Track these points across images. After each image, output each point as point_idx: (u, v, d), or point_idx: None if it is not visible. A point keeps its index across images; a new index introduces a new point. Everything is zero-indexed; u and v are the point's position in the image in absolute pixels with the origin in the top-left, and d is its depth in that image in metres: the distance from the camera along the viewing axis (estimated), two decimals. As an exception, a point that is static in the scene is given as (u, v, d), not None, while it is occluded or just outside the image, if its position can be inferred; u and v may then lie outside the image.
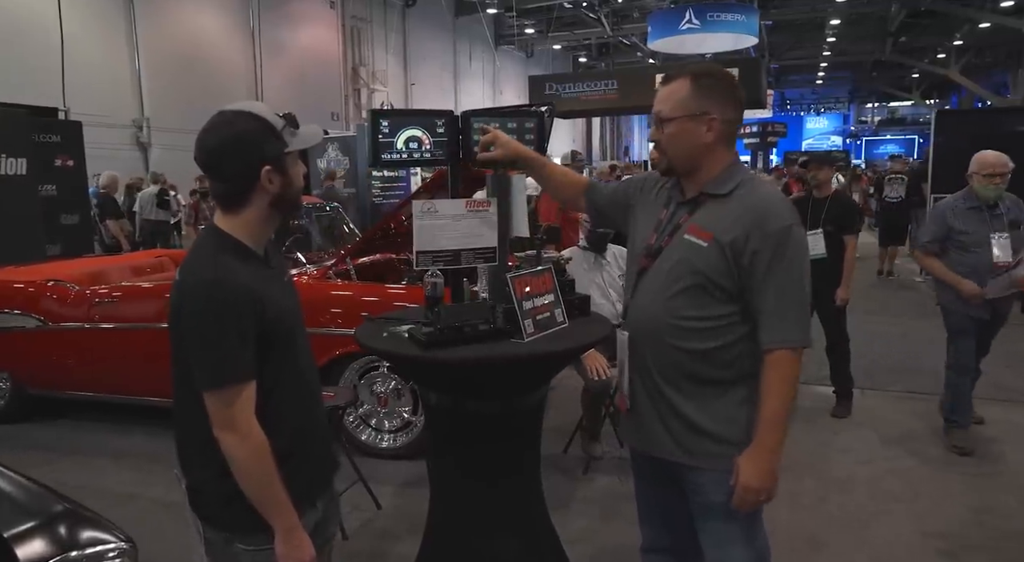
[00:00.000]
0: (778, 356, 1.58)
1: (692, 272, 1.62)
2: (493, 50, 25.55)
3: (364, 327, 2.31)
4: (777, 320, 1.57)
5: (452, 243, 2.06)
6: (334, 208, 5.55)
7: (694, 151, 1.66)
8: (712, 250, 1.60)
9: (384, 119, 1.92)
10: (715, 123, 1.64)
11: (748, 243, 1.57)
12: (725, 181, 1.66)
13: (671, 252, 1.67)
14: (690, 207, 1.69)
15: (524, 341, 2.06)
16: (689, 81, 1.65)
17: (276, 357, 1.50)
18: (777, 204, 1.61)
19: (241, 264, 1.46)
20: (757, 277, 1.57)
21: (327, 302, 3.77)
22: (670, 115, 1.65)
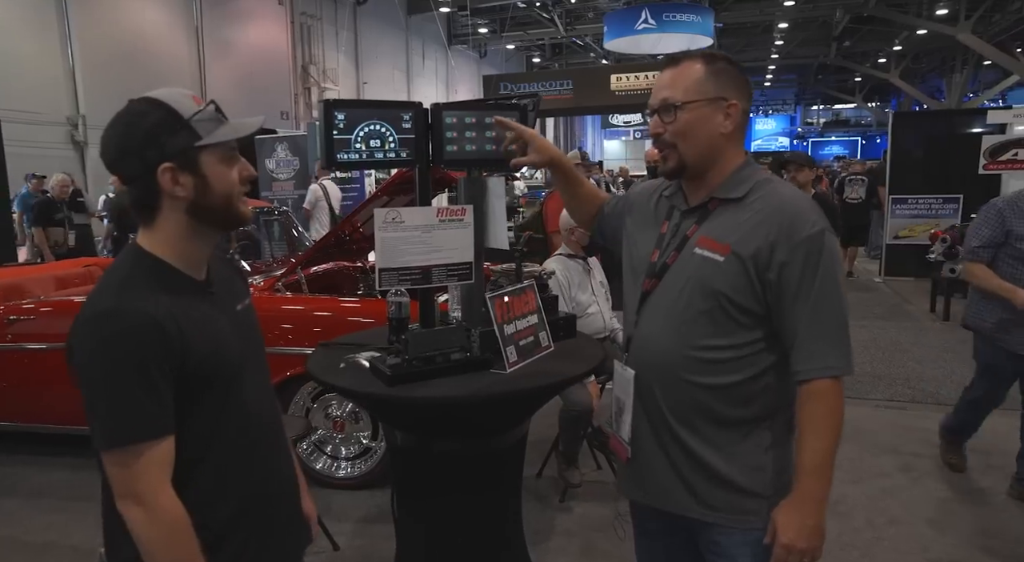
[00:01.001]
0: (819, 387, 1.32)
1: (708, 293, 1.36)
2: (447, 49, 25.20)
3: (317, 355, 1.98)
4: (815, 344, 1.32)
5: (421, 258, 1.75)
6: (283, 213, 5.17)
7: (711, 144, 1.40)
8: (731, 265, 1.34)
9: (340, 111, 1.59)
10: (734, 110, 1.39)
11: (774, 254, 1.31)
12: (739, 183, 1.40)
13: (680, 270, 1.41)
14: (698, 216, 1.43)
15: (506, 372, 1.77)
16: (701, 62, 1.39)
17: (213, 403, 1.20)
18: (805, 207, 1.35)
19: (159, 290, 1.15)
20: (787, 295, 1.32)
21: (275, 318, 3.41)
22: (683, 99, 1.38)
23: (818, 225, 1.32)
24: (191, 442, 1.17)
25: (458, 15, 23.60)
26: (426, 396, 1.63)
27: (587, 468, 3.52)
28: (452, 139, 1.74)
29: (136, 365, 1.08)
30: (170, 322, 1.12)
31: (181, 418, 1.15)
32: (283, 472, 1.37)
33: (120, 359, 1.08)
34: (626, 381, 1.47)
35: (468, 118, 1.75)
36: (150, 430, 1.10)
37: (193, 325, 1.16)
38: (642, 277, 1.48)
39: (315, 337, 3.29)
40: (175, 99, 1.18)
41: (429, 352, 1.74)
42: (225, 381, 1.22)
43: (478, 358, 1.80)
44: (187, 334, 1.14)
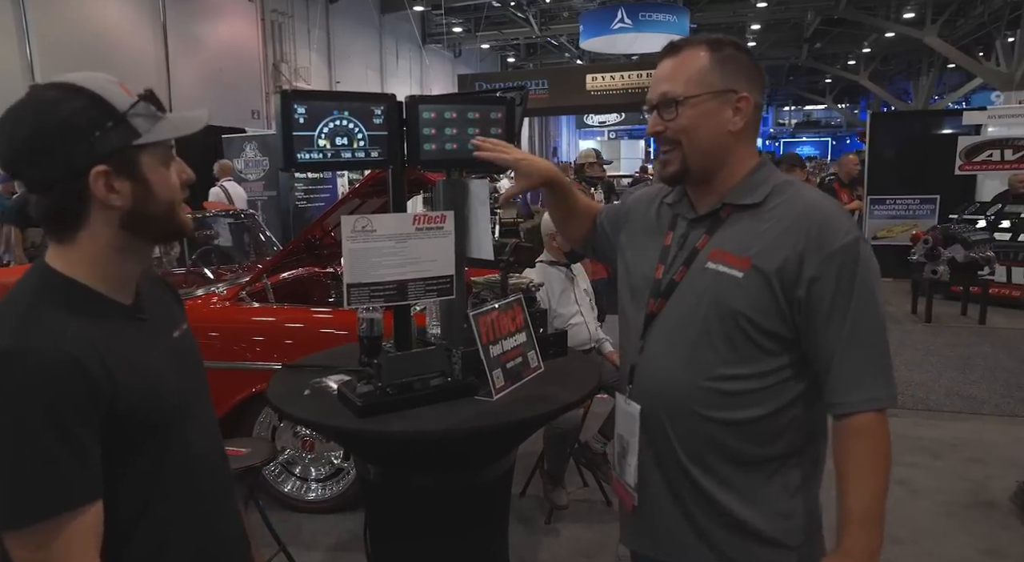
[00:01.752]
0: (862, 422, 1.14)
1: (725, 314, 1.17)
2: (421, 48, 24.92)
3: (279, 380, 1.77)
4: (854, 372, 1.13)
5: (395, 272, 1.55)
6: (249, 215, 4.90)
7: (719, 143, 1.22)
8: (751, 281, 1.15)
9: (300, 104, 1.37)
10: (745, 104, 1.20)
11: (803, 268, 1.13)
12: (754, 186, 1.22)
13: (690, 288, 1.22)
14: (708, 225, 1.24)
15: (492, 400, 1.57)
16: (706, 50, 1.21)
17: (152, 453, 0.99)
18: (835, 212, 1.17)
19: (76, 320, 0.94)
20: (819, 314, 1.13)
21: (239, 330, 3.17)
22: (686, 93, 1.19)
23: (852, 233, 1.14)
24: (126, 502, 0.96)
25: (432, 14, 23.34)
26: (402, 430, 1.43)
27: (572, 485, 3.33)
28: (430, 136, 1.53)
29: (50, 419, 0.86)
30: (93, 360, 0.91)
31: (113, 475, 0.94)
32: (232, 529, 1.16)
33: (28, 414, 0.86)
34: (631, 417, 1.28)
35: (448, 113, 1.54)
36: (71, 498, 0.88)
37: (122, 361, 0.95)
38: (645, 297, 1.29)
39: (283, 351, 3.07)
40: (101, 86, 0.97)
41: (405, 378, 1.54)
42: (165, 426, 1.01)
43: (461, 384, 1.60)
44: (115, 372, 0.93)
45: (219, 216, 4.77)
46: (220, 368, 3.05)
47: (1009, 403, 4.56)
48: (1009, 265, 7.48)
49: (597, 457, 3.22)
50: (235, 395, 3.02)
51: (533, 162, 1.45)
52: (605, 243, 1.52)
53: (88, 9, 13.43)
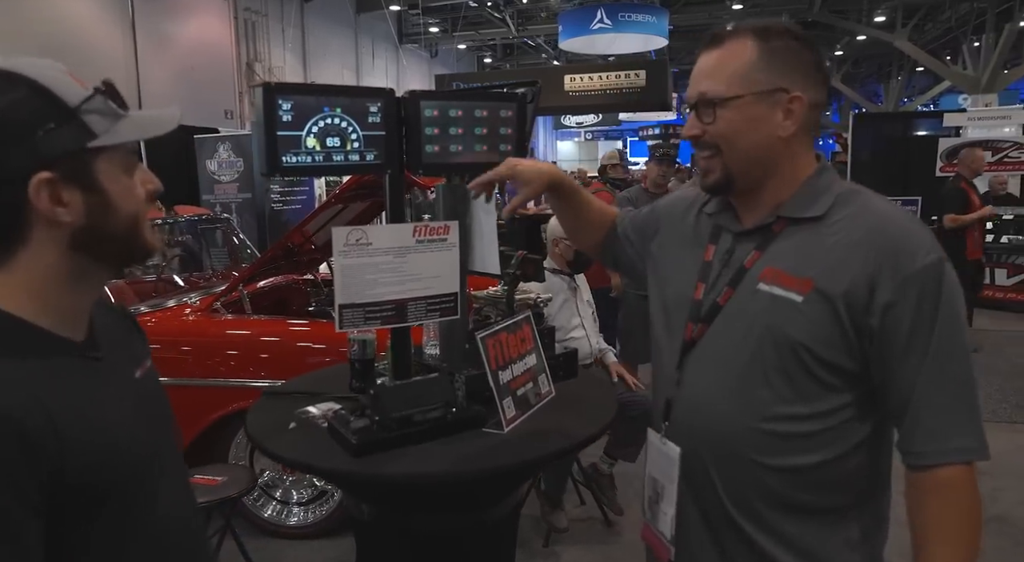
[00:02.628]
0: (949, 476, 0.98)
1: (782, 345, 1.01)
2: (397, 48, 24.66)
3: (260, 411, 1.58)
4: (938, 416, 0.97)
5: (394, 290, 1.37)
6: (224, 220, 4.67)
7: (766, 150, 1.05)
8: (813, 307, 0.99)
9: (286, 99, 1.19)
10: (798, 105, 1.03)
11: (876, 293, 0.97)
12: (814, 196, 1.06)
13: (738, 313, 1.06)
14: (758, 239, 1.08)
15: (504, 432, 1.40)
16: (753, 41, 1.04)
17: (113, 522, 0.81)
18: (913, 228, 1.01)
19: (14, 363, 0.75)
20: (895, 347, 0.97)
21: (214, 344, 2.96)
22: (727, 93, 1.03)
23: (934, 252, 0.98)
24: None
25: (409, 14, 23.11)
26: (405, 473, 1.25)
27: (569, 504, 3.16)
28: (432, 137, 1.36)
29: None
30: (34, 414, 0.72)
31: (61, 552, 0.75)
32: None
33: None
34: (668, 460, 1.11)
35: (453, 111, 1.36)
36: None
37: (73, 412, 0.77)
38: (682, 320, 1.13)
39: (259, 366, 2.87)
40: (46, 75, 0.79)
41: (405, 410, 1.36)
42: (127, 487, 0.82)
43: (467, 415, 1.43)
44: (63, 428, 0.74)
45: (192, 220, 4.54)
46: (193, 386, 2.85)
47: (1006, 409, 4.49)
48: (993, 266, 7.48)
49: (604, 480, 3.04)
50: (209, 415, 2.81)
51: (533, 166, 1.28)
52: (629, 253, 1.35)
53: (51, 5, 13.01)
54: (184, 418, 2.87)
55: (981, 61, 17.04)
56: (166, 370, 2.91)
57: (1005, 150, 9.22)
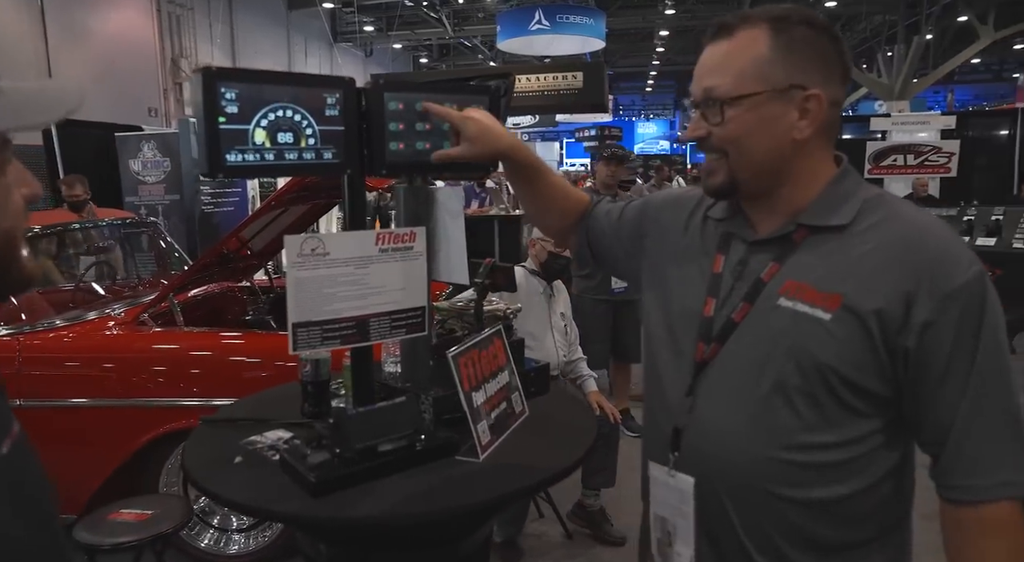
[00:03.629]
0: (995, 514, 0.89)
1: (809, 367, 0.90)
2: (331, 46, 24.14)
3: (199, 442, 1.39)
4: (981, 447, 0.89)
5: (355, 305, 1.21)
6: (151, 224, 4.36)
7: (778, 154, 0.94)
8: (843, 326, 0.89)
9: (230, 86, 1.01)
10: (815, 103, 0.93)
11: (913, 311, 0.87)
12: (838, 202, 0.95)
13: (757, 331, 0.95)
14: (777, 250, 0.97)
15: (479, 460, 1.27)
16: (767, 30, 0.93)
17: None
18: (952, 239, 0.92)
19: None
20: (933, 371, 0.88)
21: (140, 360, 2.70)
22: (735, 90, 0.92)
23: (974, 266, 0.89)
24: None
25: (343, 12, 22.64)
26: (374, 515, 1.09)
27: (528, 516, 3.04)
28: (397, 133, 1.21)
29: None
30: None
31: None
32: None
33: None
34: (679, 495, 0.99)
35: (419, 104, 1.21)
36: None
37: None
38: (691, 339, 1.01)
39: (190, 382, 2.64)
40: None
41: (369, 441, 1.20)
42: None
43: (438, 443, 1.28)
44: None
45: (114, 224, 4.21)
46: (117, 407, 2.60)
47: None
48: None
49: (596, 515, 2.90)
50: (136, 440, 2.56)
51: (485, 128, 1.14)
52: (612, 246, 1.21)
53: (-47, -8, 12.13)
54: (108, 443, 2.65)
55: (894, 70, 17.91)
56: (86, 390, 2.64)
57: (925, 153, 9.66)
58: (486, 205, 10.51)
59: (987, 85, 27.66)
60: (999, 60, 24.71)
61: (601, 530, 2.90)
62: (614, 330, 3.98)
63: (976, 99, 26.73)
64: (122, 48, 15.71)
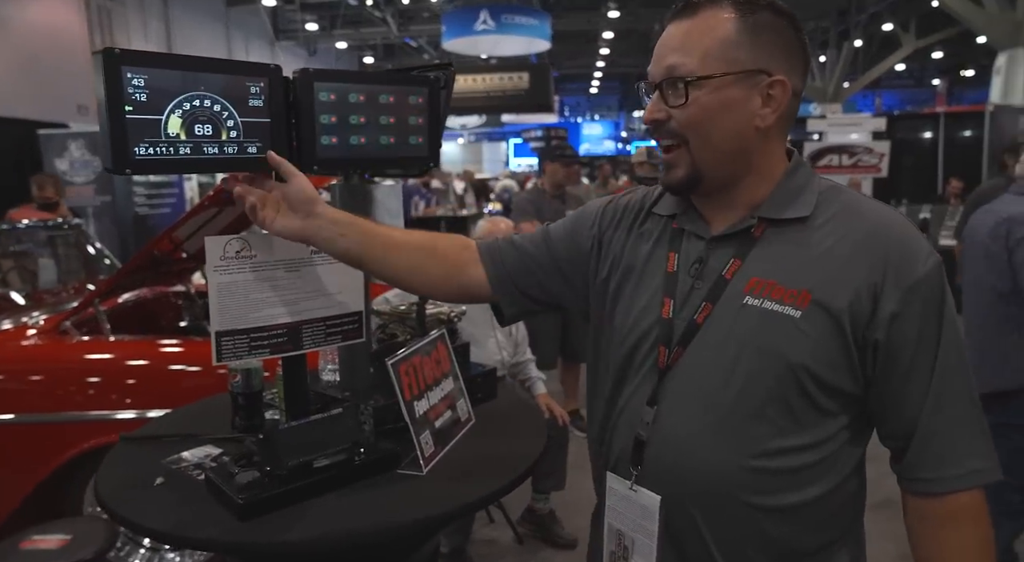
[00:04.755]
0: (964, 503, 0.88)
1: (781, 368, 0.86)
2: (273, 45, 23.57)
3: (115, 464, 1.28)
4: (949, 437, 0.87)
5: (285, 311, 1.13)
6: (75, 226, 4.12)
7: (741, 142, 0.90)
8: (815, 323, 0.85)
9: (137, 72, 0.91)
10: (780, 90, 0.89)
11: (880, 303, 0.85)
12: (795, 194, 0.92)
13: (722, 332, 0.90)
14: (736, 246, 0.93)
15: (423, 473, 1.20)
16: (732, 12, 0.88)
17: None
18: (910, 230, 0.89)
19: None
20: (900, 363, 0.86)
21: (62, 371, 2.53)
22: (700, 70, 0.87)
23: (933, 256, 0.87)
24: None
25: (284, 10, 22.15)
26: (303, 539, 1.01)
27: (477, 522, 2.97)
28: (330, 127, 1.12)
29: None
30: None
31: None
32: None
33: None
34: (642, 511, 0.94)
35: (354, 95, 1.14)
36: None
37: None
38: (650, 344, 0.95)
39: (123, 393, 2.49)
40: None
41: (303, 457, 1.12)
42: None
43: (378, 456, 1.21)
44: None
45: (34, 227, 3.97)
46: (36, 423, 2.43)
47: None
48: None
49: (547, 518, 2.85)
50: (57, 457, 2.40)
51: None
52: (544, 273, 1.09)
53: None
54: (22, 462, 2.46)
55: (827, 74, 18.60)
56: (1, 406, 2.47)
57: (859, 154, 10.00)
58: (432, 205, 10.40)
59: (910, 90, 28.95)
60: (920, 67, 25.87)
61: (551, 533, 2.86)
62: (563, 330, 3.95)
63: (901, 104, 27.93)
64: (47, 41, 14.97)
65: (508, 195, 13.41)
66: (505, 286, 1.09)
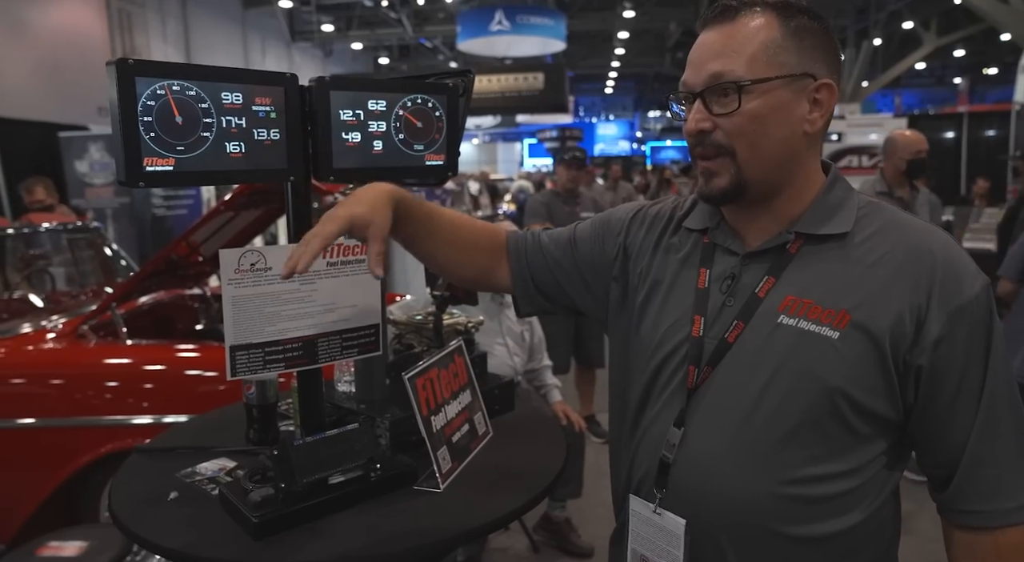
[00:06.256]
0: (1014, 538, 0.83)
1: (818, 391, 0.82)
2: (289, 46, 23.71)
3: (129, 476, 1.27)
4: (999, 470, 0.83)
5: (300, 324, 1.11)
6: (93, 229, 4.13)
7: (790, 150, 0.87)
8: (853, 344, 0.82)
9: (150, 83, 0.88)
10: (826, 94, 0.86)
11: (925, 327, 0.81)
12: (834, 209, 0.88)
13: (755, 352, 0.86)
14: (770, 262, 0.89)
15: (440, 490, 1.17)
16: (774, 16, 0.85)
17: None
18: (956, 249, 0.85)
19: None
20: (946, 389, 0.82)
21: (80, 376, 2.54)
22: (751, 74, 0.83)
23: (980, 277, 0.83)
24: None
25: (301, 11, 22.27)
26: (319, 561, 0.99)
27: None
28: (347, 137, 1.10)
29: None
30: None
31: None
32: None
33: None
34: (668, 536, 0.90)
35: (374, 103, 1.11)
36: None
37: None
38: (677, 363, 0.92)
39: (139, 398, 2.49)
40: None
41: (319, 474, 1.10)
42: None
43: (395, 472, 1.18)
44: None
45: (54, 230, 3.99)
46: (54, 427, 2.43)
47: None
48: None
49: (563, 527, 2.81)
50: (74, 462, 2.40)
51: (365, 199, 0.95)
52: (564, 273, 1.07)
53: None
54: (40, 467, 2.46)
55: (845, 73, 18.43)
56: (16, 409, 2.46)
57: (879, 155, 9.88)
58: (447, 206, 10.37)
59: (931, 90, 28.55)
60: (941, 66, 25.53)
61: (568, 541, 2.83)
62: (576, 334, 3.91)
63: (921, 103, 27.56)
64: (69, 45, 15.16)
65: (523, 196, 13.38)
66: (524, 283, 1.09)
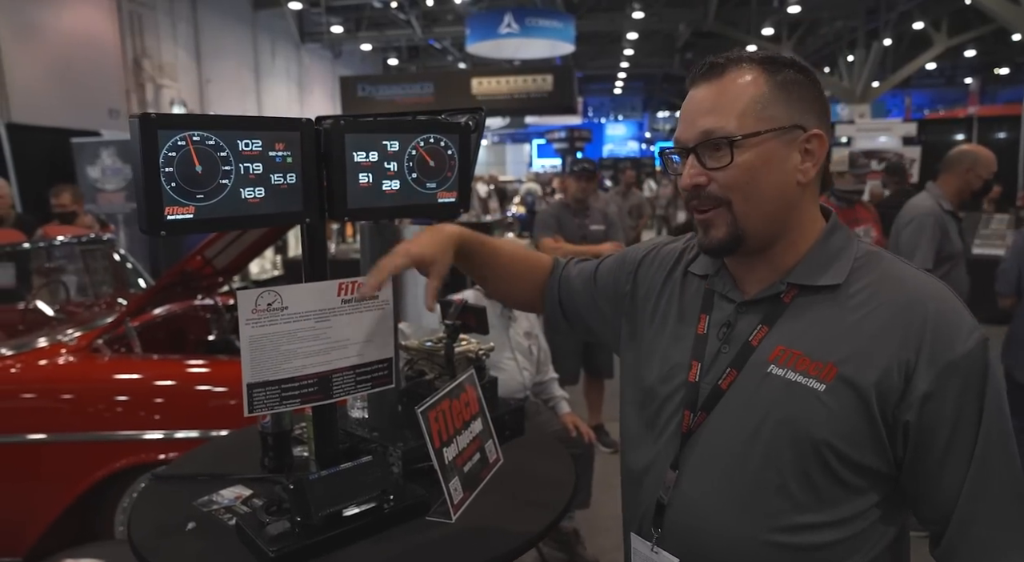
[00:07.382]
0: None
1: (802, 442, 0.85)
2: (299, 47, 23.80)
3: (147, 503, 1.30)
4: (989, 531, 0.84)
5: (316, 362, 1.13)
6: (108, 241, 4.18)
7: (784, 200, 0.89)
8: (839, 398, 0.83)
9: (172, 135, 0.91)
10: (817, 144, 0.89)
11: (913, 382, 0.82)
12: (829, 260, 0.90)
13: (746, 400, 0.89)
14: (764, 312, 0.91)
15: (452, 521, 1.19)
16: (761, 71, 0.88)
17: None
18: (952, 304, 0.86)
19: None
20: (935, 446, 0.83)
21: (94, 390, 2.57)
22: (742, 130, 0.86)
23: (976, 333, 0.84)
24: None
25: (311, 12, 22.36)
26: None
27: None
28: (360, 178, 1.12)
29: None
30: None
31: None
32: None
33: None
34: None
35: (388, 142, 1.14)
36: None
37: None
38: (674, 407, 0.95)
39: (151, 411, 2.52)
40: None
41: (334, 507, 1.12)
42: None
43: (408, 503, 1.21)
44: None
45: (69, 243, 4.03)
46: (68, 442, 2.46)
47: None
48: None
49: (570, 537, 2.83)
50: (88, 477, 2.43)
51: (431, 240, 1.08)
52: (585, 305, 1.17)
53: None
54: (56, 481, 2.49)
55: (855, 74, 18.35)
56: (32, 424, 2.49)
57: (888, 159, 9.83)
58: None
59: (941, 90, 28.35)
60: (952, 66, 25.36)
61: (575, 553, 2.85)
62: (585, 345, 3.93)
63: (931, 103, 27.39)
64: (80, 47, 15.27)
65: (532, 199, 13.37)
66: (552, 308, 1.22)
